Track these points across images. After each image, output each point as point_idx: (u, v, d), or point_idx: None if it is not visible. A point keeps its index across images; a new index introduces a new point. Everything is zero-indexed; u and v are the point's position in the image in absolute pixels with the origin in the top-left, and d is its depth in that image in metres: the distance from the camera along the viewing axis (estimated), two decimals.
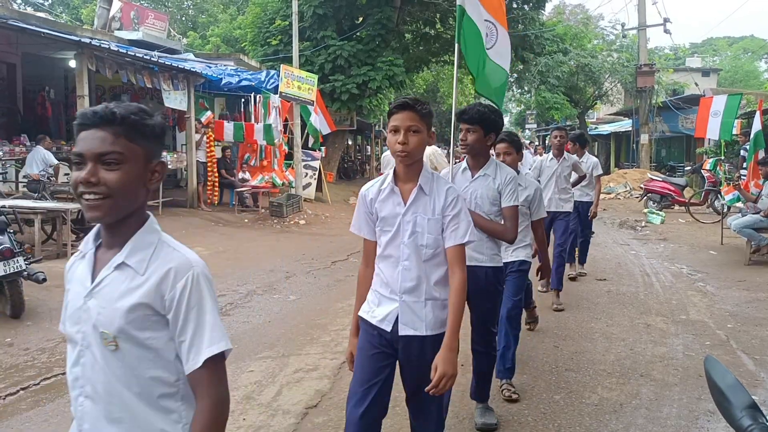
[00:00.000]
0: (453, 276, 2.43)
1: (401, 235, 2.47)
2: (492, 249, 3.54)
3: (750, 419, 1.13)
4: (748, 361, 4.96)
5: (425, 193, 2.48)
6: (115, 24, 17.25)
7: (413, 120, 2.39)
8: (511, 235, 3.47)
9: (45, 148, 10.16)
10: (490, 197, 3.47)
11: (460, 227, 2.44)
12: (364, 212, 2.60)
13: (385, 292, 2.51)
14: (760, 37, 58.57)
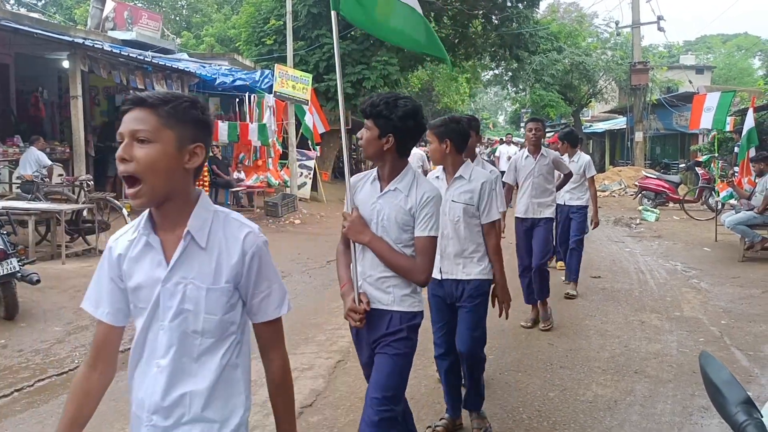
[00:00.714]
0: None
1: None
2: (401, 288, 2.65)
3: (745, 414, 1.13)
4: (742, 357, 4.98)
5: None
6: (108, 24, 17.18)
7: None
8: (421, 276, 2.61)
9: (38, 149, 10.11)
10: (400, 221, 2.59)
11: None
12: None
13: None
14: (753, 35, 58.79)
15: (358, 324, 2.64)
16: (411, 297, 2.65)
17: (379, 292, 2.66)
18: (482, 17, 20.59)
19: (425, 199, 2.59)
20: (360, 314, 2.62)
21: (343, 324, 5.96)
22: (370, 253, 2.65)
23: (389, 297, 2.64)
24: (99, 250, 8.95)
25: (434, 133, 3.50)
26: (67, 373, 4.63)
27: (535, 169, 5.82)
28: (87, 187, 9.75)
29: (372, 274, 2.67)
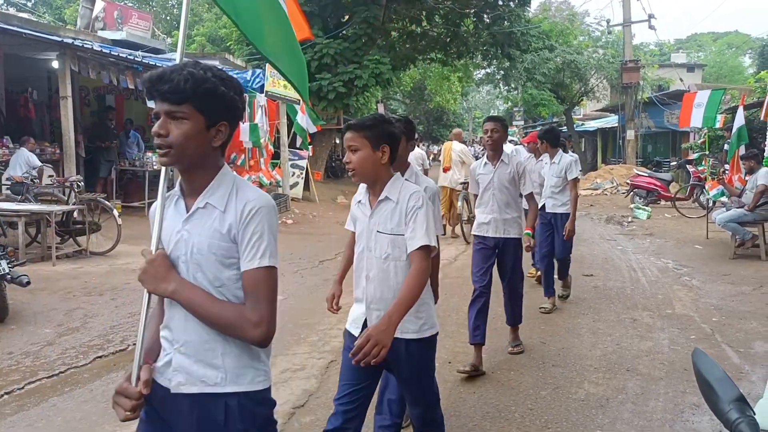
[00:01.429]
0: None
1: None
2: (234, 357, 1.81)
3: (737, 412, 1.13)
4: (733, 354, 5.00)
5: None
6: (98, 24, 17.09)
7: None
8: (255, 331, 1.70)
9: (28, 150, 10.05)
10: (216, 251, 1.74)
11: None
12: None
13: None
14: (744, 33, 59.12)
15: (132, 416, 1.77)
16: (252, 369, 1.80)
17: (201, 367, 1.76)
18: (474, 16, 20.59)
19: (248, 215, 1.74)
20: (133, 400, 1.75)
21: (336, 324, 5.96)
22: (180, 311, 1.77)
23: (217, 373, 1.75)
24: (90, 252, 8.91)
25: (365, 136, 2.58)
26: (57, 375, 4.60)
27: (494, 179, 4.83)
28: (77, 188, 9.69)
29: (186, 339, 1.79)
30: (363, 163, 2.57)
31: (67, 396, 4.26)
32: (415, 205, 2.54)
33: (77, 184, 9.74)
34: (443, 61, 23.69)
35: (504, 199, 4.84)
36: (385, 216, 2.61)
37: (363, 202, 2.75)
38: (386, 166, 2.62)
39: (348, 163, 2.60)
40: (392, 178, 2.65)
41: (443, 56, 22.92)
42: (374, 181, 2.64)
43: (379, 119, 2.65)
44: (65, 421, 3.87)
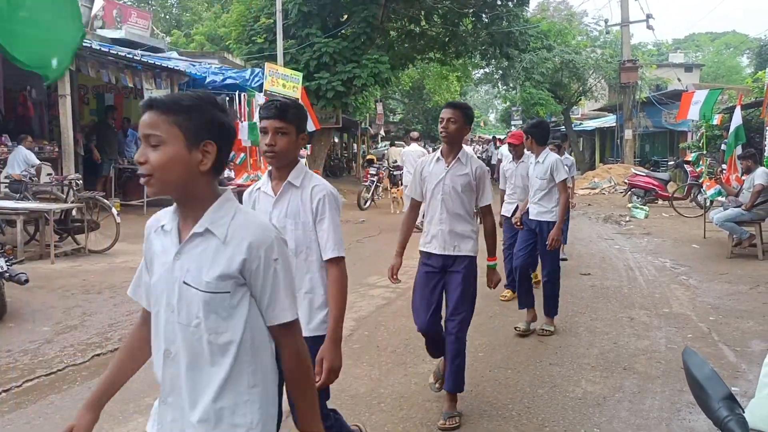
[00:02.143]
0: None
1: None
2: None
3: (727, 410, 1.14)
4: (729, 353, 5.02)
5: None
6: (97, 22, 17.09)
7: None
8: None
9: (27, 148, 10.05)
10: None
11: None
12: None
13: None
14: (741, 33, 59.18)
15: None
16: None
17: None
18: (472, 15, 20.61)
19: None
20: None
21: None
22: None
23: None
24: (88, 250, 8.91)
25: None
26: (55, 373, 4.61)
27: (446, 180, 3.83)
28: (76, 186, 9.69)
29: None
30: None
31: (65, 394, 4.26)
32: None
33: (76, 182, 9.74)
34: (442, 60, 23.72)
35: (454, 208, 3.83)
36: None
37: None
38: None
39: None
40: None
41: (442, 56, 22.95)
42: None
43: None
44: (63, 419, 3.87)
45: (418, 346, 5.25)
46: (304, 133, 2.55)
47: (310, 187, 2.57)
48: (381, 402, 4.11)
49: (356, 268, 8.50)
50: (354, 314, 6.21)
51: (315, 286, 2.62)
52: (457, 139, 3.87)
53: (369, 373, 4.64)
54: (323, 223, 2.56)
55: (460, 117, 3.82)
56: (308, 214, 2.56)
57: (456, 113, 3.81)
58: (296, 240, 2.56)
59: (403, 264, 3.94)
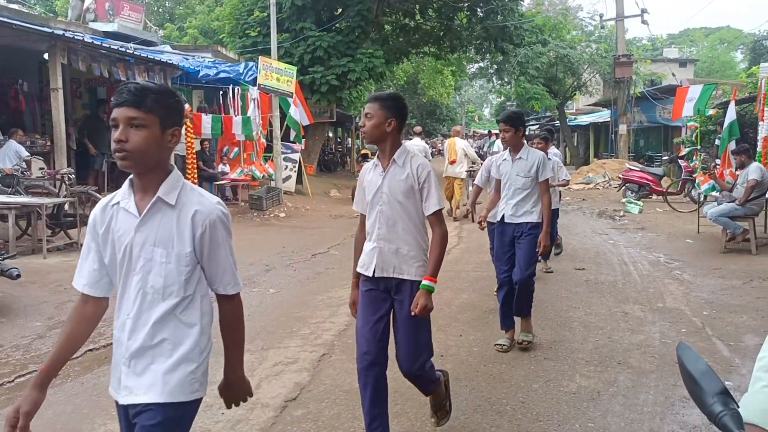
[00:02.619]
0: None
1: None
2: None
3: (721, 405, 1.13)
4: (723, 348, 5.03)
5: None
6: (89, 16, 16.97)
7: None
8: None
9: (18, 142, 9.99)
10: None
11: None
12: None
13: None
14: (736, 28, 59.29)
15: None
16: None
17: None
18: (467, 9, 20.58)
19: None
20: None
21: (328, 317, 5.96)
22: None
23: None
24: (80, 245, 8.86)
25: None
26: None
27: (383, 188, 3.21)
28: (68, 180, 9.64)
29: None
30: None
31: (57, 389, 4.24)
32: None
33: (68, 176, 9.69)
34: (436, 54, 23.67)
35: (393, 219, 3.19)
36: None
37: None
38: None
39: None
40: None
41: (436, 50, 22.90)
42: None
43: None
44: (56, 414, 3.85)
45: None
46: (176, 128, 1.94)
47: (192, 209, 1.93)
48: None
49: (351, 263, 8.46)
50: (348, 309, 6.19)
51: (175, 339, 1.98)
52: (380, 138, 3.17)
53: None
54: (216, 255, 1.98)
55: (378, 110, 3.13)
56: (185, 244, 1.92)
57: (373, 107, 3.15)
58: (166, 277, 1.93)
59: None
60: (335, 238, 10.70)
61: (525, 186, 4.95)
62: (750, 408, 1.17)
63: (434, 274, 3.12)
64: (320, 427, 3.68)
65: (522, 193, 4.96)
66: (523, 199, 4.97)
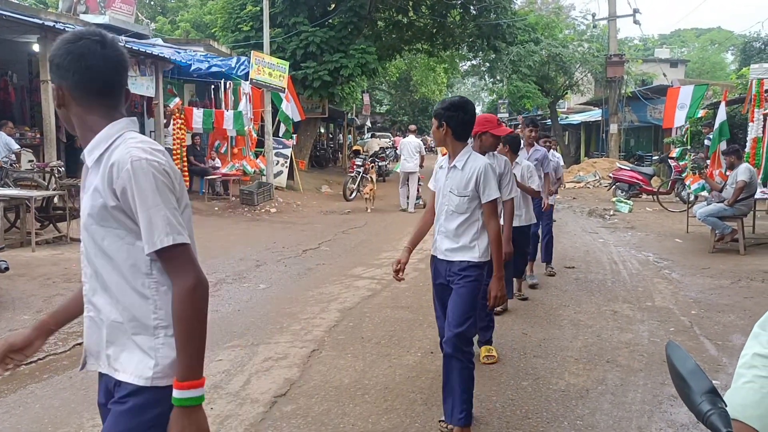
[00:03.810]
0: None
1: None
2: None
3: (709, 404, 1.14)
4: (711, 347, 5.06)
5: None
6: (80, 8, 16.83)
7: None
8: None
9: (7, 134, 9.90)
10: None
11: None
12: None
13: None
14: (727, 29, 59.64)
15: None
16: None
17: None
18: (460, 7, 20.59)
19: None
20: None
21: (318, 313, 5.96)
22: None
23: None
24: (70, 238, 8.81)
25: None
26: (36, 362, 4.55)
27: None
28: (58, 173, 9.57)
29: None
30: None
31: (45, 383, 4.22)
32: None
33: (58, 169, 9.62)
34: (429, 51, 23.68)
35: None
36: None
37: None
38: None
39: None
40: None
41: (429, 47, 22.91)
42: None
43: None
44: (43, 408, 3.83)
45: (402, 338, 5.25)
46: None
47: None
48: (365, 393, 4.11)
49: (341, 259, 8.48)
50: (339, 305, 6.20)
51: None
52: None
53: (353, 364, 4.63)
54: None
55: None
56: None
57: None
58: None
59: None
60: (326, 234, 10.68)
61: (459, 208, 3.53)
62: (732, 403, 1.18)
63: None
64: (310, 423, 3.68)
65: (456, 219, 3.55)
66: (459, 228, 3.56)
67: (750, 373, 1.20)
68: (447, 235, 3.56)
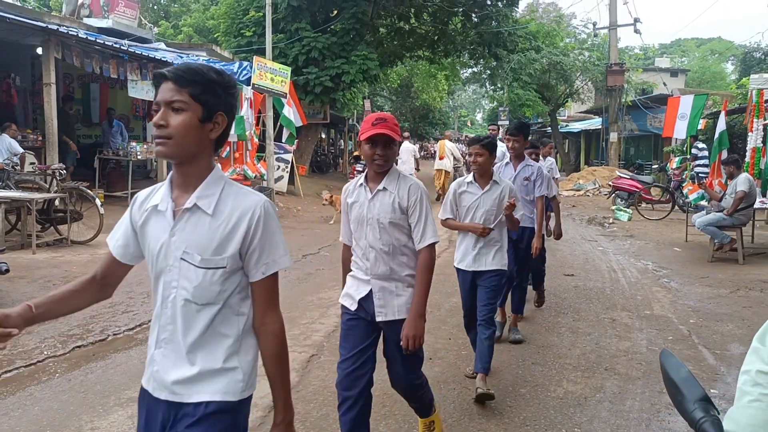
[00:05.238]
0: None
1: None
2: None
3: (702, 411, 1.15)
4: (709, 356, 5.07)
5: None
6: (84, 11, 16.90)
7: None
8: None
9: (10, 137, 9.93)
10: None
11: None
12: None
13: None
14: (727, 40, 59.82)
15: None
16: None
17: None
18: (462, 15, 20.65)
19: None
20: None
21: (318, 318, 5.97)
22: None
23: None
24: (70, 240, 8.83)
25: None
26: (35, 364, 4.56)
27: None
28: (59, 176, 9.60)
29: None
30: None
31: (44, 385, 4.22)
32: None
33: (59, 171, 9.64)
34: (430, 58, 23.74)
35: None
36: None
37: None
38: None
39: None
40: None
41: (430, 54, 22.97)
42: None
43: None
44: (42, 411, 3.84)
45: None
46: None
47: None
48: None
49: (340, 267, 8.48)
50: (338, 310, 6.18)
51: None
52: None
53: None
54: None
55: None
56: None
57: None
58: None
59: None
60: (326, 239, 10.70)
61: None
62: (739, 422, 1.17)
63: None
64: (308, 428, 3.69)
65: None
66: None
67: (756, 392, 1.19)
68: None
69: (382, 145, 2.84)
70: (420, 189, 2.94)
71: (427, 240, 2.90)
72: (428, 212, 2.92)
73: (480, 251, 4.26)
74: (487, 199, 4.23)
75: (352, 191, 3.06)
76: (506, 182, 4.38)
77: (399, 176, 2.96)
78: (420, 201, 2.90)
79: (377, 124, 2.82)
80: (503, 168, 5.36)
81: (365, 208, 2.95)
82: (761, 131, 10.69)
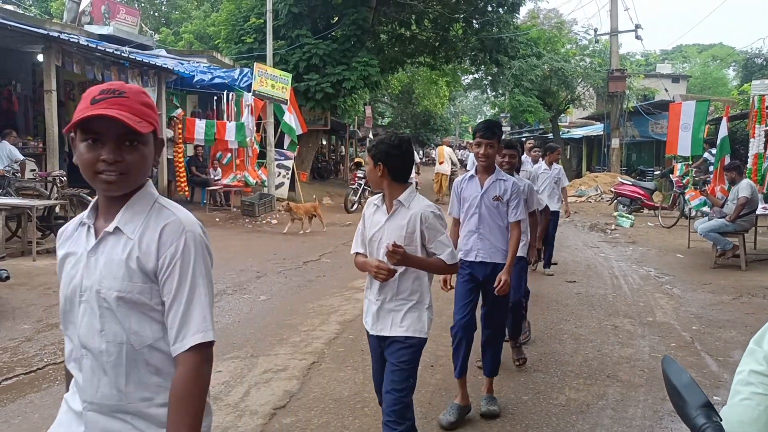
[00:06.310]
0: None
1: None
2: None
3: (704, 418, 1.14)
4: (712, 363, 5.05)
5: None
6: (85, 18, 16.96)
7: None
8: None
9: (11, 144, 9.94)
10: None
11: None
12: None
13: None
14: (728, 45, 59.90)
15: None
16: None
17: None
18: (463, 21, 20.69)
19: None
20: None
21: (318, 325, 5.95)
22: None
23: None
24: None
25: None
26: (35, 371, 4.54)
27: None
28: (60, 183, 9.60)
29: None
30: None
31: (44, 393, 4.20)
32: None
33: (60, 178, 9.64)
34: (431, 65, 23.78)
35: None
36: None
37: None
38: None
39: None
40: None
41: (431, 60, 23.00)
42: None
43: None
44: (42, 419, 3.81)
45: None
46: None
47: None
48: (365, 406, 4.09)
49: (342, 271, 8.47)
50: (339, 317, 6.19)
51: None
52: None
53: (353, 376, 4.62)
54: None
55: None
56: None
57: None
58: None
59: None
60: (327, 246, 10.68)
61: None
62: (729, 420, 1.19)
63: None
64: None
65: None
66: None
67: (747, 390, 1.20)
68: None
69: None
70: None
71: None
72: None
73: (383, 306, 2.97)
74: (391, 229, 2.91)
75: None
76: (420, 206, 2.89)
77: None
78: None
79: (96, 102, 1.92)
80: (466, 182, 4.13)
81: None
82: (763, 137, 10.66)
